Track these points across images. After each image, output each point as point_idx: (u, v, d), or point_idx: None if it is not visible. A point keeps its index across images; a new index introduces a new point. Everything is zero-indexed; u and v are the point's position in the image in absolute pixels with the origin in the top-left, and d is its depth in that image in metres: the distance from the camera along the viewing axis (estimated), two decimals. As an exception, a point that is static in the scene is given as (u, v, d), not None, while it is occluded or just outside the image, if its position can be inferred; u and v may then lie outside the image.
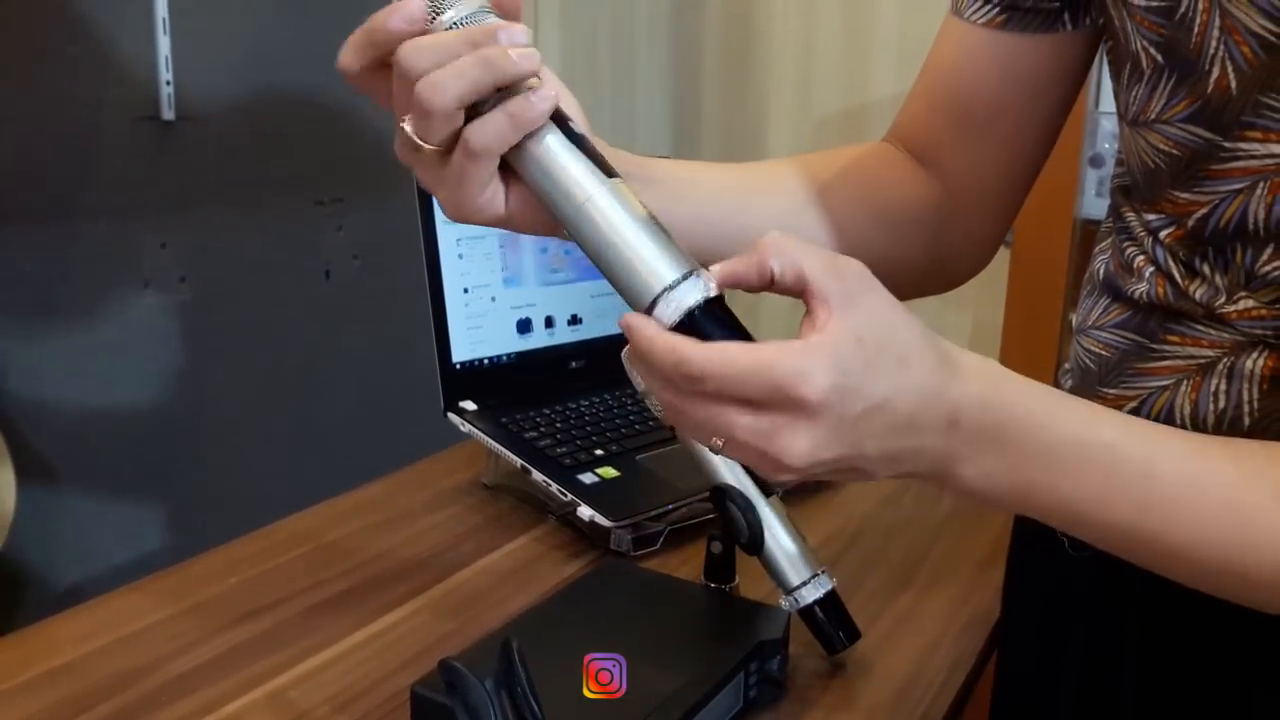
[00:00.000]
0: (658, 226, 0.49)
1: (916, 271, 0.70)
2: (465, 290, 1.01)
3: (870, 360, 0.44)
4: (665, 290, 0.47)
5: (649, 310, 0.47)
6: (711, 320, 0.47)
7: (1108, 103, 1.30)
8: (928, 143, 0.69)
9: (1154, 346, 0.61)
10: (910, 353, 0.45)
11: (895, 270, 0.68)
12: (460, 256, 1.00)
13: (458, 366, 1.01)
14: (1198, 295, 0.58)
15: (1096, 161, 1.32)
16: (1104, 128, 1.31)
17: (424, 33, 0.49)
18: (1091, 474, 0.46)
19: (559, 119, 0.51)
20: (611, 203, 0.49)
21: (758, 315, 1.86)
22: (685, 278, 0.47)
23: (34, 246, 1.30)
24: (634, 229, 0.49)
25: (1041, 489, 0.47)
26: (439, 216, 0.99)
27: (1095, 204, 1.32)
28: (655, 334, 0.45)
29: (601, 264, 0.50)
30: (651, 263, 0.48)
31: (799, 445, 0.43)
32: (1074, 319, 0.69)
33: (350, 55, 0.50)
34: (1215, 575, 0.48)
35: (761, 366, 0.43)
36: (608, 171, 0.50)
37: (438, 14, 0.50)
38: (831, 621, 0.73)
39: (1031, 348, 1.34)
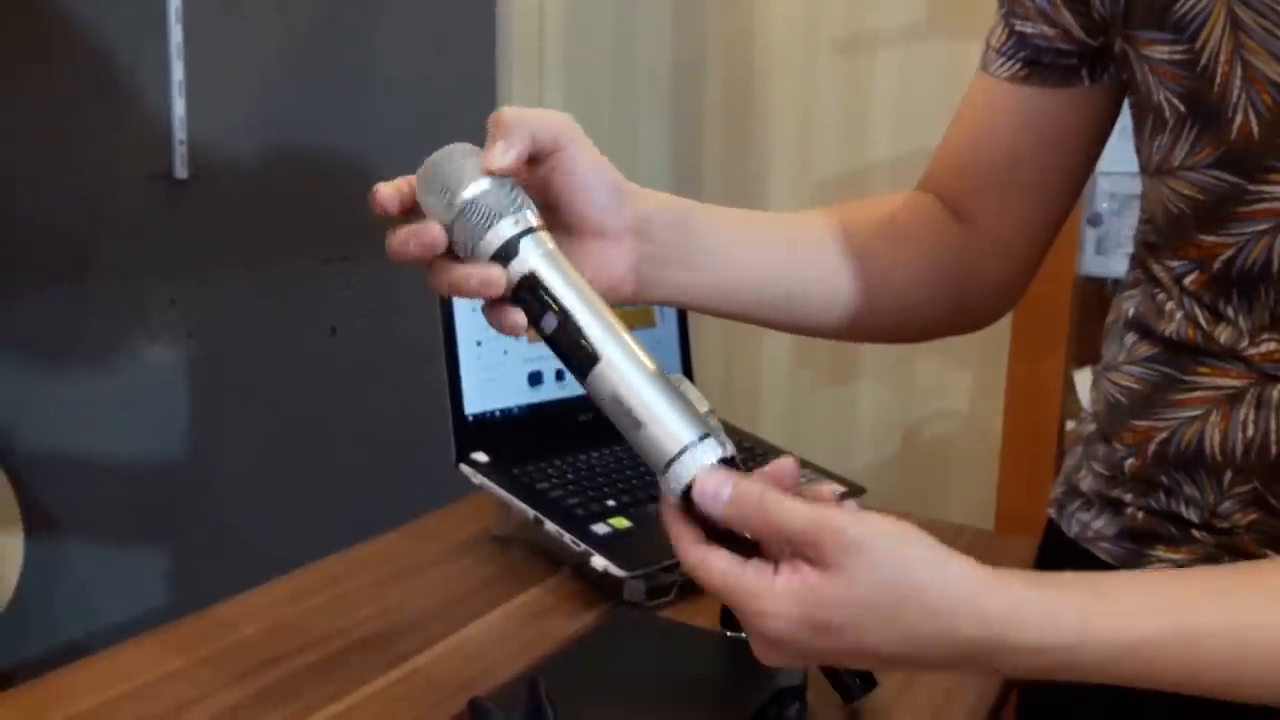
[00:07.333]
0: (666, 383, 0.50)
1: (944, 313, 0.71)
2: (479, 344, 1.02)
3: (838, 620, 0.46)
4: (670, 461, 0.48)
5: (664, 470, 0.49)
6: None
7: (1106, 163, 1.32)
8: (954, 190, 0.71)
9: (1185, 379, 0.62)
10: (902, 611, 0.46)
11: (924, 314, 0.70)
12: (474, 310, 1.01)
13: (470, 418, 1.02)
14: (1222, 339, 0.60)
15: (1095, 220, 1.34)
16: (1102, 188, 1.34)
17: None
18: (1129, 669, 0.47)
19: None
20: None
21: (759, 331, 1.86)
22: (686, 449, 0.48)
23: (45, 301, 1.31)
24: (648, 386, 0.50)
25: (1078, 677, 0.48)
26: (453, 270, 1.00)
27: (1095, 261, 1.35)
28: (667, 516, 0.49)
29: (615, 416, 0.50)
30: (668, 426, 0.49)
31: (768, 655, 0.48)
32: (1097, 361, 0.70)
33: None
34: (1267, 702, 0.48)
35: (730, 587, 0.47)
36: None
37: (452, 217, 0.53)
38: (848, 668, 0.73)
39: (1034, 403, 1.35)
